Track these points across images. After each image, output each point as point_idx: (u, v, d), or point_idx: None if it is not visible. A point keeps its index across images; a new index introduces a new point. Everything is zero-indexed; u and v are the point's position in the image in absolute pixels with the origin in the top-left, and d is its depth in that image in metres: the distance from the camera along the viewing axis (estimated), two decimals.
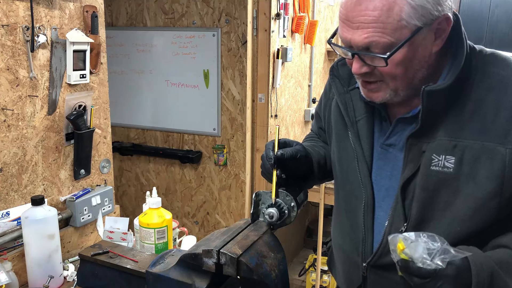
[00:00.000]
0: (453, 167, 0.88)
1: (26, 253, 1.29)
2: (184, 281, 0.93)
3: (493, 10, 4.57)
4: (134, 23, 3.23)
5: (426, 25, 0.83)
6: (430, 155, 0.90)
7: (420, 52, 0.86)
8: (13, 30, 1.29)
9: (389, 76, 0.88)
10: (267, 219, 0.99)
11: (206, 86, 3.06)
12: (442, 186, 0.90)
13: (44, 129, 1.42)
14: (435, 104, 0.89)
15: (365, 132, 1.02)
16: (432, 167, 0.90)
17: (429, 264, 0.79)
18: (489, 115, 0.87)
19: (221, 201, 3.21)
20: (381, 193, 1.02)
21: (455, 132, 0.88)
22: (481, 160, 0.86)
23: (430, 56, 0.88)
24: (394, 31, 0.82)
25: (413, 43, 0.84)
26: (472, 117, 0.88)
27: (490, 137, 0.86)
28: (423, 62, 0.88)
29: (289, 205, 1.00)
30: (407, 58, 0.85)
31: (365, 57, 0.87)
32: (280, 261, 0.94)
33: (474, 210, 0.87)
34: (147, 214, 1.45)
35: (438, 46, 0.88)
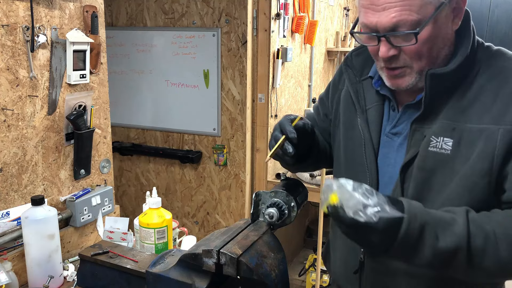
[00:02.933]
0: (450, 149, 0.91)
1: (26, 253, 1.29)
2: (184, 281, 0.93)
3: (493, 10, 4.57)
4: (134, 23, 3.23)
5: (443, 3, 0.86)
6: (429, 137, 0.93)
7: (443, 29, 0.89)
8: (13, 30, 1.29)
9: (416, 56, 0.90)
10: (267, 219, 0.99)
11: (206, 86, 3.06)
12: (439, 167, 0.92)
13: (44, 129, 1.42)
14: (437, 88, 0.92)
15: (374, 120, 1.04)
16: (430, 148, 0.93)
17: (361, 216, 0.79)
18: (488, 101, 0.90)
19: (221, 201, 3.21)
20: (384, 179, 1.04)
21: (454, 116, 0.91)
22: (477, 143, 0.89)
23: (452, 34, 0.92)
24: (420, 7, 0.85)
25: (437, 19, 0.87)
26: (472, 103, 0.91)
27: (487, 120, 0.89)
28: (446, 39, 0.91)
29: (289, 205, 1.00)
30: (433, 35, 0.88)
31: (392, 39, 0.88)
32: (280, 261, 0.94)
33: (466, 190, 0.90)
34: (147, 214, 1.45)
35: (456, 24, 0.91)
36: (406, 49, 0.90)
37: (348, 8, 4.18)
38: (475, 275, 0.85)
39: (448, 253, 0.81)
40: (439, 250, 0.81)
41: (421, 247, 0.81)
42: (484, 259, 0.81)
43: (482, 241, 0.81)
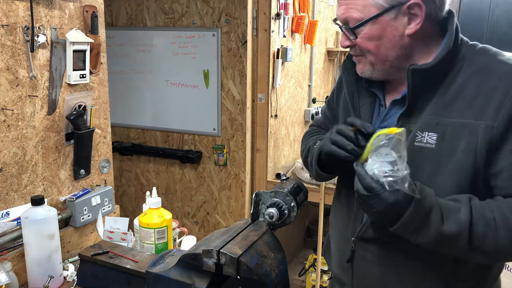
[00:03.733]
0: (435, 143, 0.95)
1: (26, 253, 1.29)
2: (184, 281, 0.93)
3: (493, 10, 4.57)
4: (134, 23, 3.23)
5: (394, 7, 0.94)
6: (414, 132, 0.98)
7: (389, 31, 0.97)
8: (13, 30, 1.29)
9: (365, 50, 1.00)
10: (267, 219, 0.99)
11: (206, 86, 3.06)
12: (425, 160, 0.97)
13: (44, 129, 1.42)
14: (419, 84, 0.97)
15: (365, 116, 1.09)
16: (415, 143, 0.97)
17: (377, 180, 0.85)
18: (470, 96, 0.94)
19: (221, 201, 3.21)
20: None
21: (438, 112, 0.96)
22: (460, 137, 0.93)
23: (403, 37, 0.97)
24: (363, 7, 0.95)
25: (381, 22, 0.96)
26: (455, 98, 0.96)
27: (469, 115, 0.93)
28: (394, 42, 0.98)
29: (289, 205, 1.00)
30: (376, 35, 0.97)
31: (346, 31, 1.00)
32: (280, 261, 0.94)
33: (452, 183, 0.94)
34: (147, 214, 1.45)
35: (411, 30, 0.96)
36: (356, 42, 1.00)
37: None
38: (473, 256, 0.91)
39: (450, 237, 0.87)
40: (442, 233, 0.87)
41: (426, 228, 0.87)
42: (484, 243, 0.87)
43: (483, 228, 0.87)
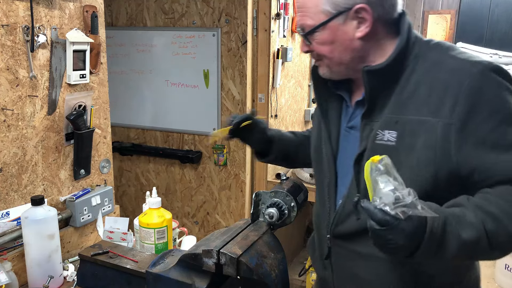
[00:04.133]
0: (395, 140, 0.98)
1: (26, 253, 1.29)
2: (184, 281, 0.93)
3: (493, 10, 4.57)
4: (134, 23, 3.23)
5: (341, 13, 0.98)
6: (375, 130, 1.01)
7: (340, 36, 1.01)
8: (13, 30, 1.29)
9: (320, 54, 1.05)
10: (267, 219, 0.99)
11: (206, 86, 3.06)
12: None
13: (44, 129, 1.42)
14: (375, 84, 1.00)
15: (333, 118, 1.14)
16: (376, 141, 1.00)
17: (389, 211, 0.80)
18: (425, 93, 0.97)
19: (221, 201, 3.21)
20: (344, 171, 1.11)
21: (397, 110, 0.99)
22: (418, 133, 0.95)
23: (353, 40, 1.01)
24: (314, 15, 1.00)
25: (331, 27, 1.00)
26: (412, 96, 0.98)
27: (425, 113, 0.95)
28: (346, 45, 1.02)
29: (289, 205, 1.00)
30: (328, 39, 1.01)
31: (302, 37, 1.06)
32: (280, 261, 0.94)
33: (412, 179, 0.94)
34: (147, 214, 1.45)
35: (362, 32, 1.00)
36: (314, 48, 1.05)
37: None
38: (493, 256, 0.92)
39: (471, 243, 0.85)
40: (464, 242, 0.85)
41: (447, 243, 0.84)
42: (498, 239, 0.87)
43: (493, 224, 0.86)
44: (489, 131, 0.91)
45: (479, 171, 0.93)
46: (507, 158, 0.90)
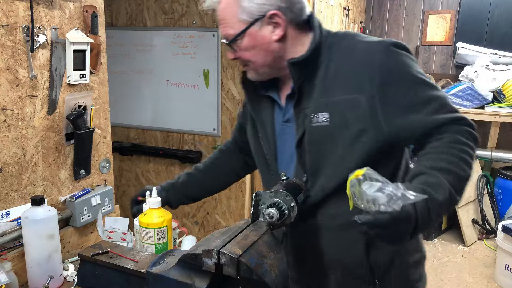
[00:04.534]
0: (328, 120, 1.10)
1: (26, 253, 1.29)
2: (184, 281, 0.93)
3: (493, 10, 4.57)
4: (134, 23, 3.23)
5: (257, 20, 1.10)
6: (310, 115, 1.13)
7: (259, 40, 1.12)
8: (13, 30, 1.29)
9: (246, 60, 1.16)
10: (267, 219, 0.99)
11: (206, 86, 3.06)
12: (323, 137, 1.12)
13: (44, 129, 1.42)
14: (300, 73, 1.13)
15: (267, 116, 1.24)
16: (312, 124, 1.12)
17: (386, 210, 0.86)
18: (346, 75, 1.11)
19: (221, 201, 3.21)
20: (286, 160, 1.22)
21: (324, 93, 1.12)
22: (348, 110, 1.09)
23: (271, 43, 1.13)
24: (234, 25, 1.11)
25: (250, 34, 1.11)
26: (334, 79, 1.12)
27: (350, 91, 1.09)
28: (265, 48, 1.13)
29: (289, 205, 1.00)
30: (249, 45, 1.13)
31: (227, 45, 1.16)
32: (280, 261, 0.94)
33: (350, 149, 1.09)
34: (147, 214, 1.45)
35: (278, 35, 1.12)
36: (239, 55, 1.16)
37: (348, 8, 4.18)
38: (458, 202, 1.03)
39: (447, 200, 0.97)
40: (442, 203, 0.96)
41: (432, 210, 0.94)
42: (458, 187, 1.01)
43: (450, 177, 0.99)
44: (404, 96, 1.07)
45: (408, 133, 1.08)
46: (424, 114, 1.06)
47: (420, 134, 1.08)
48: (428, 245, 3.84)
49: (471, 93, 4.13)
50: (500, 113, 4.05)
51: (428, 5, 4.95)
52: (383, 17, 5.17)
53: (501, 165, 4.25)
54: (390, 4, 5.13)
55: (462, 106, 4.19)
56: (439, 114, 1.07)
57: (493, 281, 3.31)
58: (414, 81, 1.09)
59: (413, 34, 5.07)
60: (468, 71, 4.38)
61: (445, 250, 3.80)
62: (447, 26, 4.86)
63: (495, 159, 4.20)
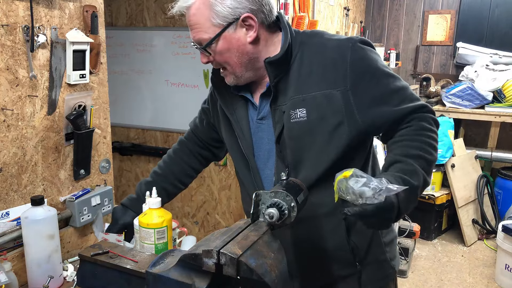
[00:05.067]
0: (306, 115, 1.16)
1: (26, 253, 1.29)
2: (184, 281, 0.93)
3: (493, 10, 4.57)
4: (134, 23, 3.23)
5: (231, 23, 1.13)
6: (288, 112, 1.17)
7: (234, 43, 1.15)
8: (13, 30, 1.29)
9: (222, 63, 1.18)
10: (267, 219, 0.99)
11: (206, 86, 3.06)
12: (302, 132, 1.17)
13: (43, 129, 1.42)
14: (276, 72, 1.17)
15: (242, 115, 1.27)
16: (291, 120, 1.17)
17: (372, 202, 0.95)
18: (319, 71, 1.16)
19: (221, 201, 3.21)
20: (264, 156, 1.27)
21: (300, 90, 1.17)
22: (324, 105, 1.15)
23: (246, 45, 1.16)
24: (208, 29, 1.13)
25: (225, 37, 1.14)
26: (309, 76, 1.17)
27: (325, 87, 1.15)
28: (241, 50, 1.16)
29: (289, 205, 1.00)
30: (225, 48, 1.15)
31: (201, 50, 1.18)
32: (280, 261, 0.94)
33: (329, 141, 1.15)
34: (147, 214, 1.45)
35: (252, 37, 1.16)
36: (215, 58, 1.18)
37: (348, 8, 4.18)
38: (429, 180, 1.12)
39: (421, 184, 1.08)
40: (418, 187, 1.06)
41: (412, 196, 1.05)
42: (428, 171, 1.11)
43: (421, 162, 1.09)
44: (375, 89, 1.14)
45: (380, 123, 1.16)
46: (393, 104, 1.14)
47: (390, 124, 1.16)
48: (428, 245, 3.84)
49: (471, 93, 4.13)
50: (500, 113, 4.05)
51: (428, 5, 4.95)
52: (383, 17, 5.17)
53: (501, 165, 4.26)
54: (390, 4, 5.13)
55: (462, 106, 4.19)
56: (405, 103, 1.16)
57: (493, 281, 3.31)
58: (382, 74, 1.16)
59: (413, 34, 5.07)
60: (468, 71, 4.38)
61: (445, 250, 3.80)
62: (447, 26, 4.86)
63: (495, 159, 4.21)
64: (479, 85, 4.13)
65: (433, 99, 4.51)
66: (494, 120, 4.11)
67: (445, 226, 4.12)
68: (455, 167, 3.91)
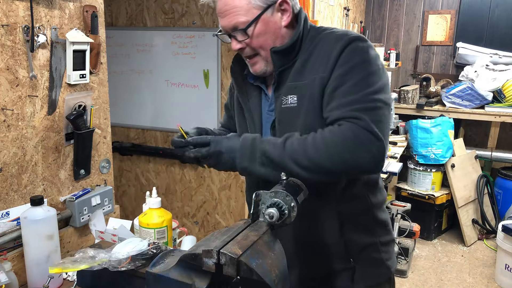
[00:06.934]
0: (296, 102, 1.20)
1: (25, 254, 1.29)
2: (184, 281, 0.93)
3: (493, 10, 4.57)
4: (134, 23, 3.23)
5: (269, 6, 1.18)
6: (281, 97, 1.22)
7: (271, 26, 1.19)
8: (13, 30, 1.29)
9: (257, 47, 1.21)
10: (267, 219, 0.99)
11: (206, 86, 3.06)
12: (291, 117, 1.20)
13: (44, 129, 1.42)
14: (281, 61, 1.21)
15: (255, 105, 1.31)
16: (283, 105, 1.21)
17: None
18: (313, 62, 1.20)
19: (221, 201, 3.21)
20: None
21: (295, 78, 1.21)
22: (308, 92, 1.18)
23: (281, 29, 1.21)
24: (247, 12, 1.16)
25: (263, 19, 1.18)
26: (305, 66, 1.21)
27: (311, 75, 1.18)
28: (277, 33, 1.21)
29: (289, 205, 1.00)
30: (262, 30, 1.18)
31: (236, 35, 1.20)
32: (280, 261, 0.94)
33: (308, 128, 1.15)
34: (147, 214, 1.45)
35: (286, 21, 1.21)
36: (247, 43, 1.20)
37: (348, 8, 4.18)
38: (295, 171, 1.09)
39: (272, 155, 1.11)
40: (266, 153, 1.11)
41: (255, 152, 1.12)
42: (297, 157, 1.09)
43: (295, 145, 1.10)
44: (341, 80, 1.13)
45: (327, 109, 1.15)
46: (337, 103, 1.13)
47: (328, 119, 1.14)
48: (428, 245, 3.84)
49: (471, 93, 4.13)
50: (500, 113, 4.05)
51: (428, 5, 4.95)
52: (383, 17, 5.17)
53: (501, 165, 4.26)
54: (390, 4, 5.13)
55: (462, 106, 4.19)
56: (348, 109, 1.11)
57: (493, 281, 3.31)
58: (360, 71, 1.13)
59: (413, 34, 5.07)
60: (468, 71, 4.38)
61: (445, 250, 3.80)
62: (447, 26, 4.86)
63: (495, 159, 4.21)
64: (479, 85, 4.13)
65: (433, 99, 4.51)
66: (494, 120, 4.11)
67: (445, 226, 4.12)
68: (455, 167, 3.91)
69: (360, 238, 1.28)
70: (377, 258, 1.31)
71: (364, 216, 1.29)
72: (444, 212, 4.05)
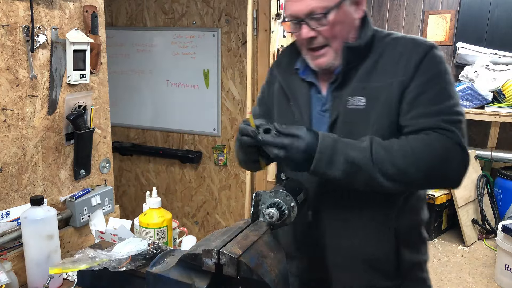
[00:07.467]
0: (364, 104, 1.13)
1: (25, 253, 1.29)
2: (184, 281, 0.93)
3: (493, 10, 4.57)
4: (134, 23, 3.23)
5: None
6: (345, 98, 1.15)
7: (348, 16, 1.15)
8: (13, 30, 1.29)
9: (330, 36, 1.14)
10: (267, 219, 0.99)
11: (206, 86, 3.06)
12: (357, 119, 1.14)
13: (44, 129, 1.42)
14: (351, 59, 1.15)
15: (304, 103, 1.23)
16: (348, 106, 1.15)
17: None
18: (386, 64, 1.15)
19: (221, 201, 3.21)
20: None
21: (363, 79, 1.15)
22: (381, 96, 1.12)
23: (356, 20, 1.17)
24: None
25: (342, 8, 1.12)
26: (375, 67, 1.15)
27: (385, 78, 1.13)
28: (351, 25, 1.17)
29: (289, 205, 1.00)
30: (340, 20, 1.13)
31: (310, 22, 1.12)
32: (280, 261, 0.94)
33: (379, 133, 1.10)
34: (147, 214, 1.45)
35: (359, 14, 1.17)
36: (322, 31, 1.13)
37: None
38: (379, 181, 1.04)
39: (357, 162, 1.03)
40: (349, 158, 1.03)
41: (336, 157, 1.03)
42: (384, 166, 1.03)
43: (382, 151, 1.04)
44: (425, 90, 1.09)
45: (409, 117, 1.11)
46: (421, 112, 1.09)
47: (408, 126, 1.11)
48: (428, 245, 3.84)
49: (471, 93, 4.13)
50: (500, 113, 4.05)
51: (428, 5, 4.95)
52: (383, 17, 5.17)
53: (501, 165, 4.25)
54: (390, 4, 5.14)
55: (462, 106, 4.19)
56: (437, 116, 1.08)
57: (493, 281, 3.31)
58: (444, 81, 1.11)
59: (413, 34, 5.07)
60: (468, 71, 4.38)
61: (445, 250, 3.80)
62: (447, 26, 4.86)
63: (495, 159, 4.20)
64: (479, 85, 4.13)
65: None
66: (494, 120, 4.11)
67: (445, 226, 4.12)
68: None
69: (411, 255, 1.21)
70: (421, 278, 1.26)
71: (415, 232, 1.25)
72: (444, 212, 4.05)
